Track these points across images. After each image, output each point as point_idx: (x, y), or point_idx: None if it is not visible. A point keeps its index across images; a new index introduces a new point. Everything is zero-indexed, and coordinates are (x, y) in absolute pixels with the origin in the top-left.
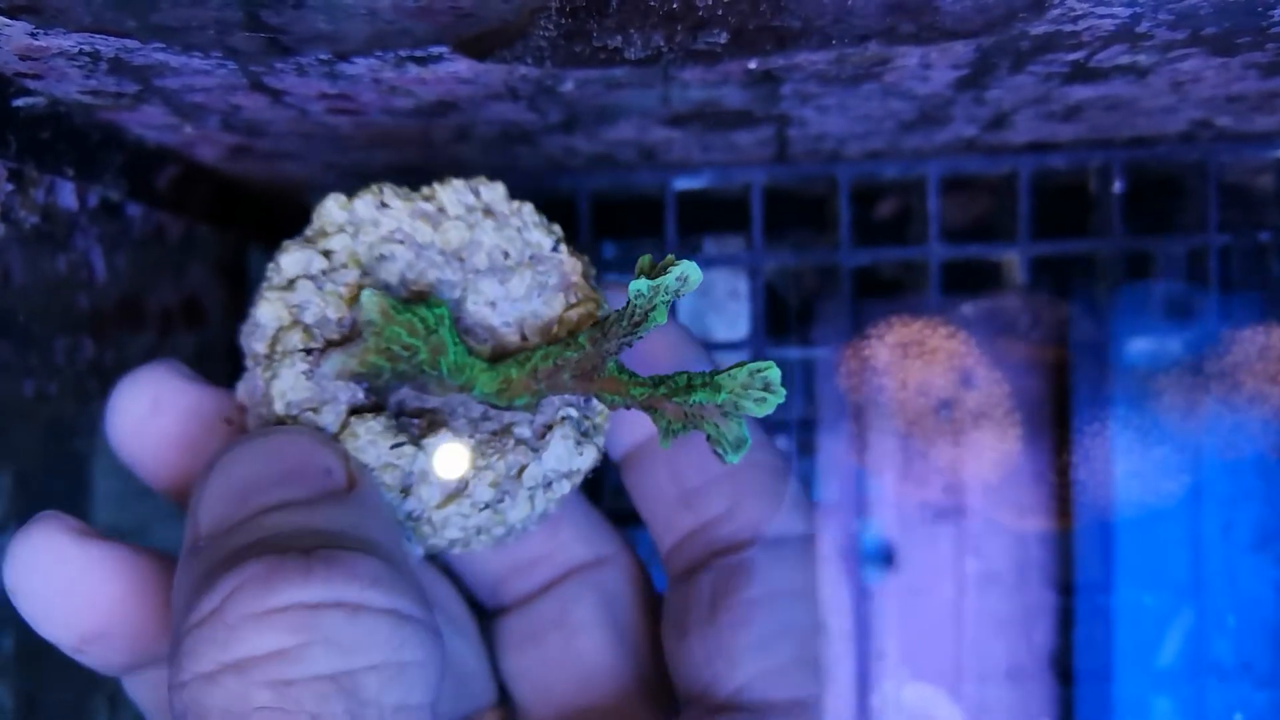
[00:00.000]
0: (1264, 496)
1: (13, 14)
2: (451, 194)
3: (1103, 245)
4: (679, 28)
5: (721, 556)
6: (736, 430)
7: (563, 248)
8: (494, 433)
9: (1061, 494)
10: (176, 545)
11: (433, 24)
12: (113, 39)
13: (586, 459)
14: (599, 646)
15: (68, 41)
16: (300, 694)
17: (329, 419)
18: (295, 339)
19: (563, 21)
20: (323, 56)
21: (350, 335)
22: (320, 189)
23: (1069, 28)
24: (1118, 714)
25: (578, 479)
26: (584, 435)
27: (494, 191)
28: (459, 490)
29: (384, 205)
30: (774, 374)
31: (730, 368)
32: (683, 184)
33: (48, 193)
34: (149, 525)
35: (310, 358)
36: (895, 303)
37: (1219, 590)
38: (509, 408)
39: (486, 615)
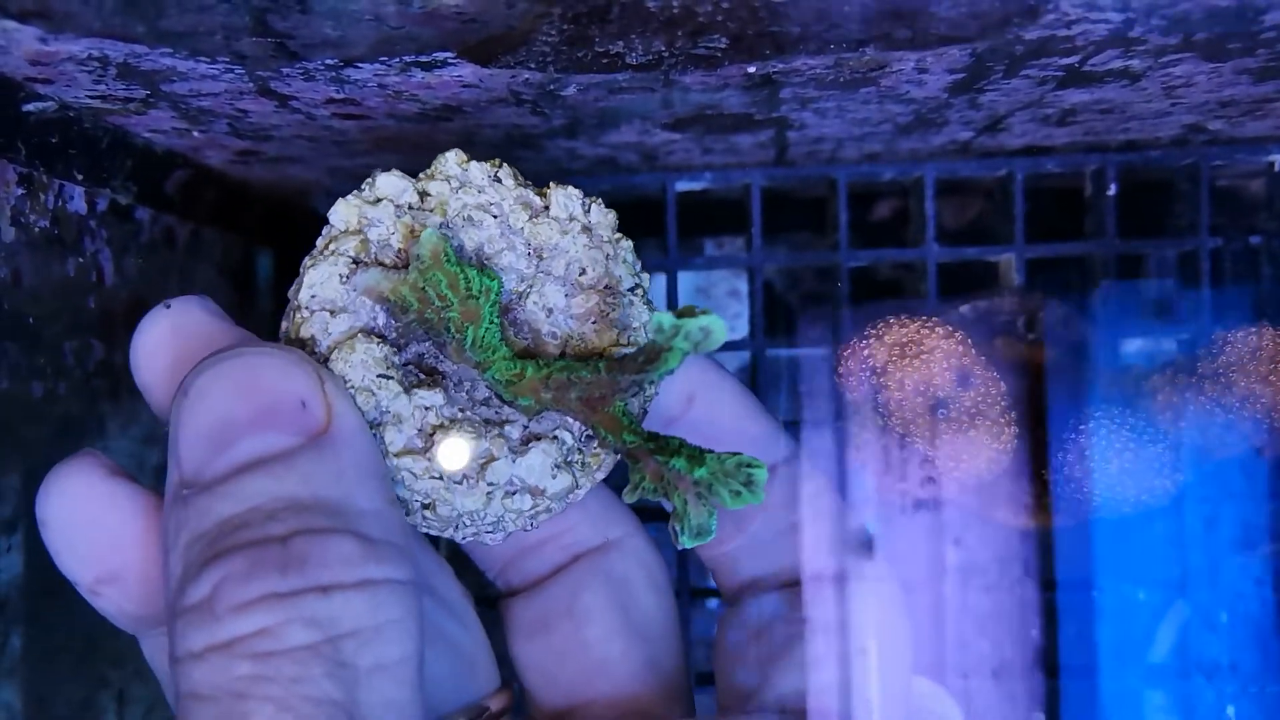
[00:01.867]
0: (1255, 495)
1: (23, 19)
2: (563, 197)
3: (1096, 247)
4: (679, 33)
5: (783, 589)
6: (703, 518)
7: (640, 292)
8: (486, 420)
9: (1055, 492)
10: None
11: (438, 30)
12: (121, 44)
13: (558, 484)
14: (607, 635)
15: (77, 47)
16: (280, 662)
17: (340, 325)
18: (350, 245)
19: (565, 28)
20: (329, 62)
21: (399, 266)
22: (326, 193)
23: (1063, 33)
24: (1106, 709)
25: (543, 503)
26: (566, 463)
27: (604, 216)
28: (416, 450)
29: (496, 179)
30: (760, 475)
31: (724, 453)
32: (683, 186)
33: (57, 197)
34: None
35: (354, 266)
36: (892, 303)
37: (1207, 588)
38: (512, 403)
39: (498, 596)
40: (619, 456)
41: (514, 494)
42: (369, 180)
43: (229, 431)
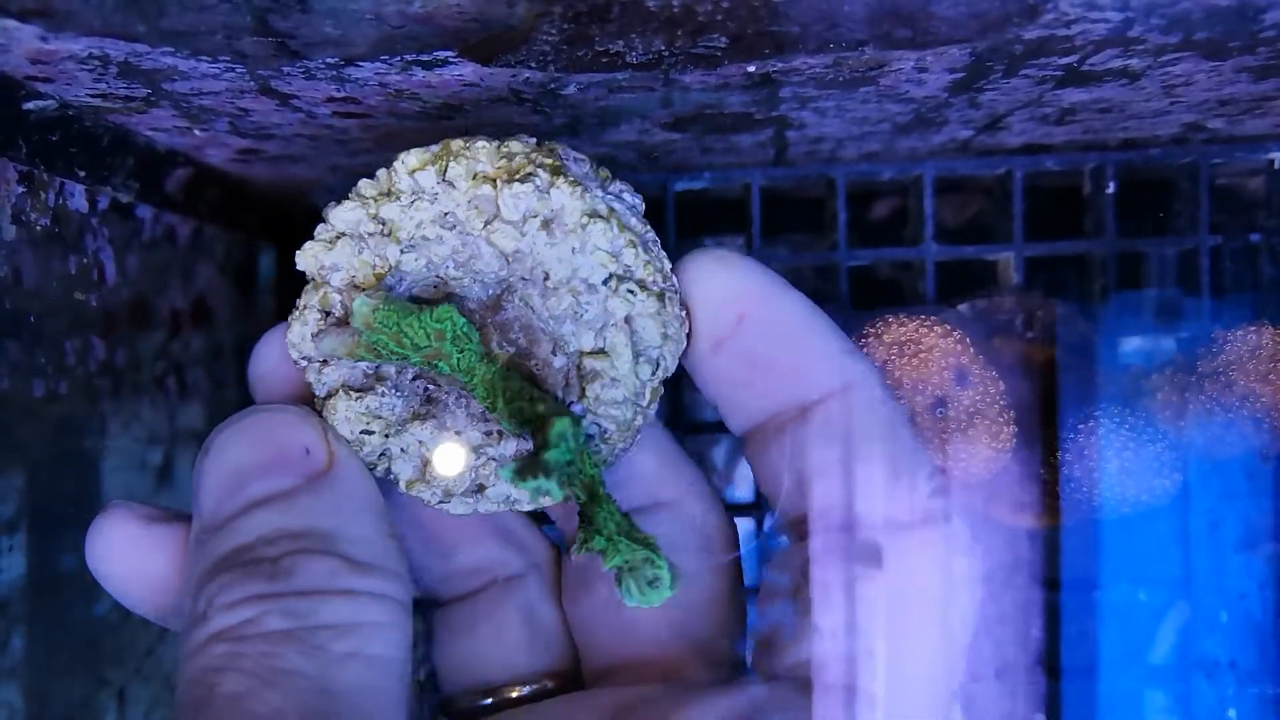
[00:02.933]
0: (1254, 495)
1: (23, 18)
2: (510, 199)
3: (1096, 246)
4: (679, 32)
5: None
6: (639, 584)
7: (613, 283)
8: (486, 433)
9: (1054, 492)
10: None
11: (438, 29)
12: (122, 43)
13: (552, 498)
14: None
15: (77, 45)
16: (255, 642)
17: (330, 376)
18: (315, 299)
19: (566, 26)
20: (330, 61)
21: None
22: (328, 191)
23: (1062, 32)
24: (1108, 709)
25: (541, 506)
26: None
27: (567, 199)
28: (422, 479)
29: (446, 181)
30: (664, 576)
31: (638, 537)
32: (683, 185)
33: (58, 195)
34: None
35: (322, 321)
36: (891, 302)
37: (1209, 588)
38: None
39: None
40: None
41: (518, 501)
42: (326, 210)
43: (241, 479)
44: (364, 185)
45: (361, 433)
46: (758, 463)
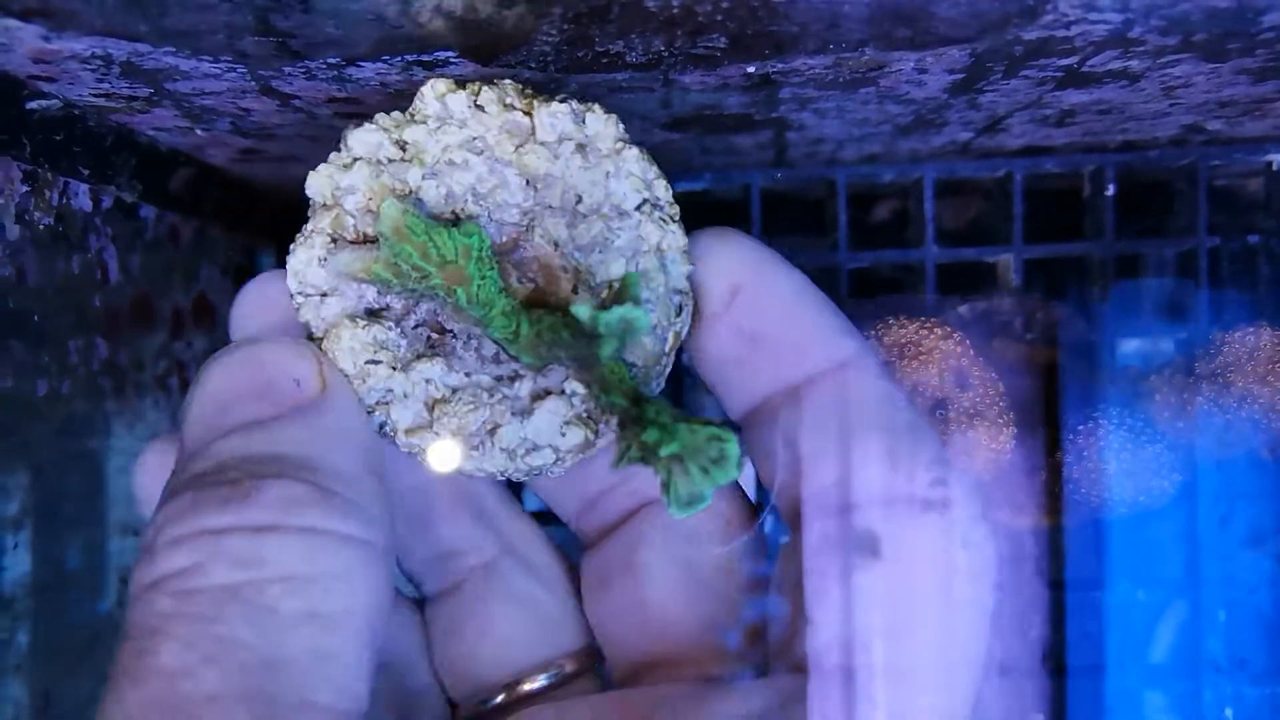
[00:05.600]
0: (1255, 495)
1: (25, 17)
2: (547, 117)
3: (1095, 248)
4: (679, 33)
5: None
6: (690, 488)
7: (646, 209)
8: (497, 377)
9: (1054, 493)
10: None
11: (439, 29)
12: (124, 43)
13: (570, 440)
14: (665, 595)
15: (80, 45)
16: (198, 600)
17: (330, 309)
18: (325, 222)
19: (565, 27)
20: (331, 61)
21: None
22: None
23: (1062, 33)
24: (1112, 709)
25: (566, 459)
26: (580, 418)
27: (603, 125)
28: (424, 425)
29: (478, 107)
30: (731, 450)
31: (696, 420)
32: (683, 187)
33: (62, 194)
34: None
35: (333, 246)
36: (891, 304)
37: (1211, 587)
38: (517, 359)
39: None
40: (605, 411)
41: (533, 451)
42: (344, 136)
43: (224, 408)
44: (381, 117)
45: (367, 363)
46: (754, 449)
